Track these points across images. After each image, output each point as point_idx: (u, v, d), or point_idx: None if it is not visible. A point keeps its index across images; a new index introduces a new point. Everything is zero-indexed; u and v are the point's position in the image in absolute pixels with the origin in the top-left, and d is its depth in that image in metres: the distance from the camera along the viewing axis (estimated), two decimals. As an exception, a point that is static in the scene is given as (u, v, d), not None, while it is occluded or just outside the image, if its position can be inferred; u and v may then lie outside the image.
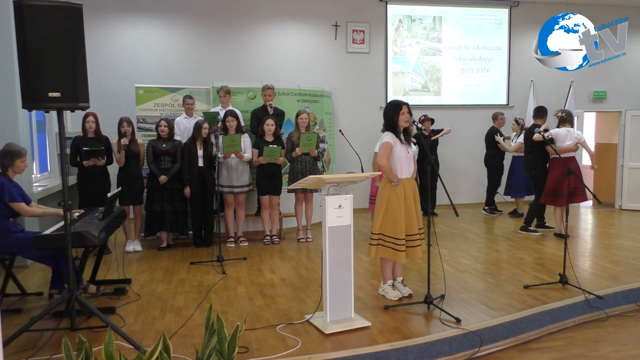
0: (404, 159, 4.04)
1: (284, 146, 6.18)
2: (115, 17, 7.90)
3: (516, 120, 8.00)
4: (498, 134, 8.00)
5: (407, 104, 4.06)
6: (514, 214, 8.05)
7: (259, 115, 6.43)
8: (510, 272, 5.00)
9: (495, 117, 8.26)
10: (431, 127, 8.04)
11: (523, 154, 7.70)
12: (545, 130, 6.20)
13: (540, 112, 6.91)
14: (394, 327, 3.59)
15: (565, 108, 8.90)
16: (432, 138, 8.02)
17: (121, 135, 5.81)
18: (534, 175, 6.72)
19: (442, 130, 8.08)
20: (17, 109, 5.18)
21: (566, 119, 6.61)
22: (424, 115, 7.95)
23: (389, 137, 4.05)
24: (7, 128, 5.16)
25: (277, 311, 3.96)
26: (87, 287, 4.36)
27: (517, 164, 7.96)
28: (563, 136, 6.40)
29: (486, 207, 8.37)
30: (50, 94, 3.14)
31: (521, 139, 7.69)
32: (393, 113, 4.04)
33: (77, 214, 4.20)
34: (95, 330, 3.48)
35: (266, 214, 6.32)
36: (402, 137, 4.07)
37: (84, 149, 5.51)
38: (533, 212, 6.82)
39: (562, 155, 6.35)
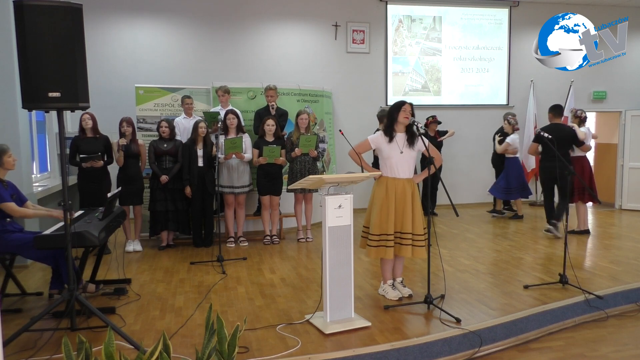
0: (395, 159, 4.03)
1: (284, 146, 6.18)
2: (115, 17, 7.90)
3: (507, 120, 7.97)
4: (499, 134, 8.00)
5: (410, 104, 4.07)
6: (515, 216, 8.01)
7: (262, 116, 6.42)
8: (510, 272, 5.00)
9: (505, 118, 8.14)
10: (437, 129, 8.06)
11: (513, 155, 7.77)
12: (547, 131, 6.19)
13: (560, 110, 6.58)
14: (394, 327, 3.59)
15: (565, 108, 8.93)
16: (438, 139, 8.03)
17: (121, 135, 5.81)
18: (565, 176, 6.20)
19: (447, 132, 8.10)
20: (17, 109, 5.18)
21: (586, 119, 6.73)
22: (433, 117, 7.96)
23: (372, 135, 4.15)
24: (7, 128, 5.16)
25: (277, 311, 3.96)
26: (86, 286, 4.36)
27: (510, 165, 7.86)
28: (587, 136, 6.50)
29: (506, 207, 8.27)
30: (50, 94, 3.14)
31: (511, 139, 7.75)
32: (395, 109, 4.06)
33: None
34: (95, 330, 3.48)
35: (266, 214, 6.32)
36: (396, 136, 4.05)
37: (81, 156, 5.52)
38: (563, 212, 6.30)
39: (580, 155, 6.41)
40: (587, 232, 6.69)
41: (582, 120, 6.73)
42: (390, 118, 4.08)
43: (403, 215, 4.02)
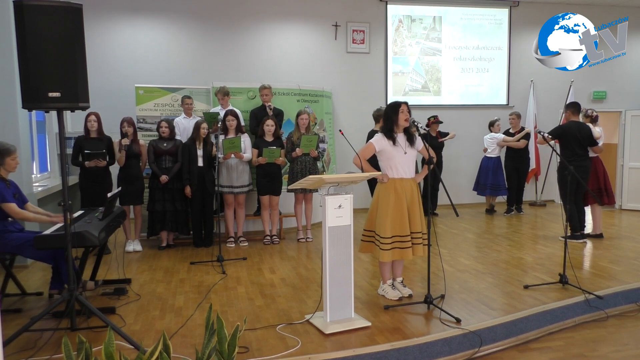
0: (399, 160, 4.03)
1: (283, 146, 6.18)
2: (115, 17, 7.90)
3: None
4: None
5: (406, 103, 4.07)
6: (491, 211, 8.34)
7: (257, 115, 6.43)
8: (510, 272, 5.00)
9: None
10: (438, 129, 8.06)
11: (485, 154, 8.17)
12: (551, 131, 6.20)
13: (579, 108, 6.41)
14: (394, 327, 3.59)
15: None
16: (439, 140, 8.02)
17: (123, 135, 5.81)
18: (585, 179, 6.17)
19: (448, 134, 8.10)
20: (17, 109, 5.18)
21: (597, 118, 6.69)
22: (435, 117, 7.97)
23: (375, 138, 4.10)
24: (7, 128, 5.16)
25: (277, 311, 3.96)
26: (85, 284, 4.36)
27: (482, 163, 8.35)
28: (602, 137, 6.46)
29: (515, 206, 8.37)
30: (50, 94, 3.13)
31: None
32: (392, 112, 4.04)
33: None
34: (95, 330, 3.48)
35: (266, 214, 6.32)
36: (398, 138, 4.06)
37: (85, 152, 5.51)
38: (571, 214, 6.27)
39: (592, 155, 6.33)
40: (601, 235, 6.53)
41: (593, 120, 6.65)
42: (388, 120, 4.07)
43: (414, 215, 4.05)
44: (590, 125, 6.50)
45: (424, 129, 4.09)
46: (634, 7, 9.56)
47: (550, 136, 5.98)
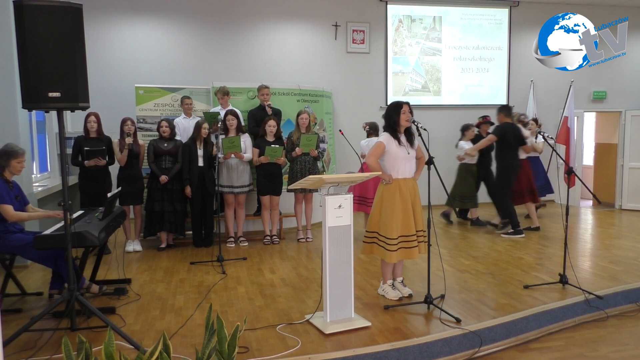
0: (402, 160, 4.02)
1: (284, 146, 6.18)
2: (115, 17, 7.90)
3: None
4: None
5: (407, 103, 4.07)
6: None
7: (256, 116, 6.43)
8: (510, 272, 5.00)
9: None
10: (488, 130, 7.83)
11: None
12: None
13: (510, 110, 6.80)
14: (394, 327, 3.59)
15: (565, 108, 8.94)
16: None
17: (124, 134, 5.81)
18: (515, 175, 6.69)
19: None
20: (17, 109, 5.18)
21: (528, 124, 7.29)
22: (484, 117, 7.76)
23: (383, 137, 4.09)
24: (7, 128, 5.15)
25: (277, 311, 3.96)
26: (90, 286, 4.36)
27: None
28: (529, 138, 6.94)
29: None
30: (50, 94, 3.13)
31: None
32: (394, 113, 4.05)
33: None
34: (95, 330, 3.48)
35: (266, 214, 6.32)
36: (401, 138, 4.06)
37: (86, 149, 5.51)
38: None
39: (522, 157, 6.82)
40: (538, 229, 6.95)
41: (524, 125, 7.08)
42: (391, 121, 4.07)
43: (418, 214, 4.07)
44: (520, 125, 6.88)
45: (422, 127, 4.05)
46: (634, 7, 9.56)
47: (551, 137, 5.99)
